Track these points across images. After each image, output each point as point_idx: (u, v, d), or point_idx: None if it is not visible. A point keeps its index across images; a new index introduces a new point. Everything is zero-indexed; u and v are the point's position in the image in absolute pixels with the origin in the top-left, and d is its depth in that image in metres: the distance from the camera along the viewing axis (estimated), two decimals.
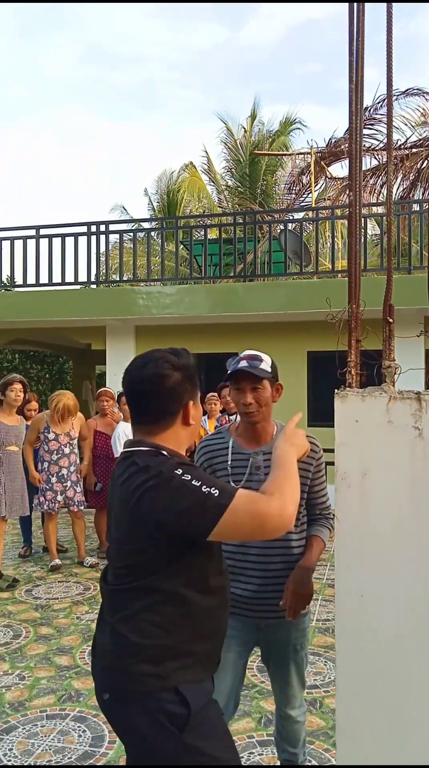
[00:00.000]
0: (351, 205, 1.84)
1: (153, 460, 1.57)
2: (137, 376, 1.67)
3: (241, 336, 9.28)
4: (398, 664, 1.70)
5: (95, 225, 9.74)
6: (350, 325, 1.82)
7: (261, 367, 2.17)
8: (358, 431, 1.74)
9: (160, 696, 1.52)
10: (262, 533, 1.54)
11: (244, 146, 17.09)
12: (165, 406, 1.64)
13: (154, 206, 19.08)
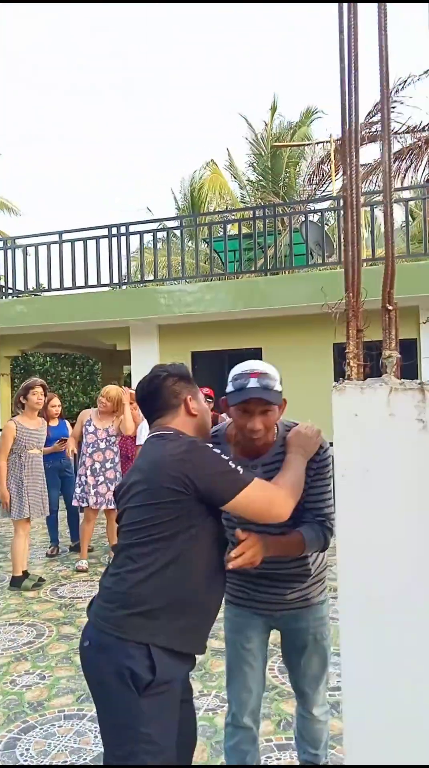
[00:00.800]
0: (344, 189, 1.76)
1: (182, 436, 1.88)
2: (143, 385, 2.03)
3: (264, 331, 9.20)
4: (408, 669, 1.61)
5: (116, 227, 9.76)
6: (348, 314, 1.73)
7: (275, 389, 1.96)
8: (358, 426, 1.66)
9: (132, 650, 1.68)
10: (268, 515, 1.82)
11: (266, 140, 16.96)
12: (167, 402, 1.96)
13: (179, 206, 19.09)
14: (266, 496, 1.79)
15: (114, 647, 1.71)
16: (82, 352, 14.64)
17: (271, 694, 3.24)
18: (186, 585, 1.77)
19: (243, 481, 1.76)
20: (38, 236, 10.38)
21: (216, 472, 1.74)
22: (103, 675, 1.72)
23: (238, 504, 1.76)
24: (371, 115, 11.74)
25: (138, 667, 1.67)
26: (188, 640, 1.80)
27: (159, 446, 1.84)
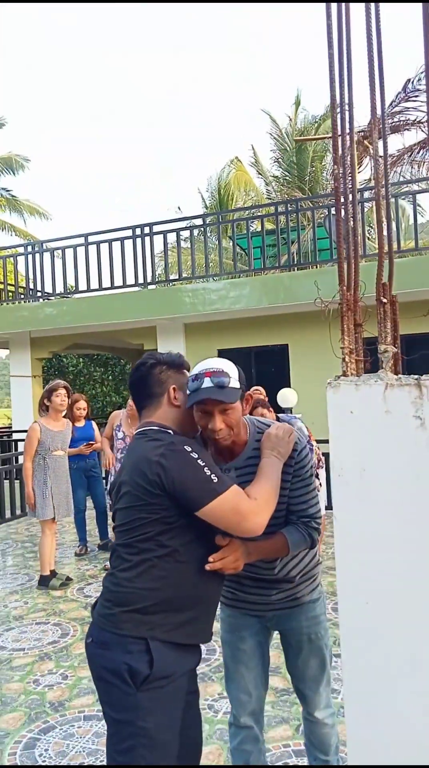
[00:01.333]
0: (336, 180, 1.71)
1: (163, 435, 1.82)
2: (132, 373, 2.01)
3: (290, 327, 9.12)
4: (409, 669, 1.56)
5: (140, 228, 9.79)
6: (341, 308, 1.68)
7: (230, 386, 1.84)
8: (354, 423, 1.61)
9: (130, 646, 1.69)
10: (238, 530, 1.76)
11: (290, 135, 16.81)
12: (152, 389, 1.93)
13: (207, 204, 19.07)
14: (238, 508, 1.73)
15: (113, 644, 1.72)
16: (111, 352, 14.76)
17: (291, 697, 3.19)
18: (179, 581, 1.75)
19: (215, 491, 1.71)
20: (65, 239, 10.48)
21: (189, 479, 1.70)
22: (103, 672, 1.73)
23: (209, 514, 1.71)
24: (393, 106, 11.51)
25: (136, 662, 1.67)
26: (189, 632, 1.78)
27: (140, 445, 1.82)
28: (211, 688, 3.34)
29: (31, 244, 11.71)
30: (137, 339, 10.66)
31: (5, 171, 19.59)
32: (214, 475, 1.73)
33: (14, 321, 10.43)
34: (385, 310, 1.65)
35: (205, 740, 2.83)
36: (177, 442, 1.77)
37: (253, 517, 1.73)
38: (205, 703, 3.19)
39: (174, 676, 1.73)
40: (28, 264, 10.63)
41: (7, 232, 19.77)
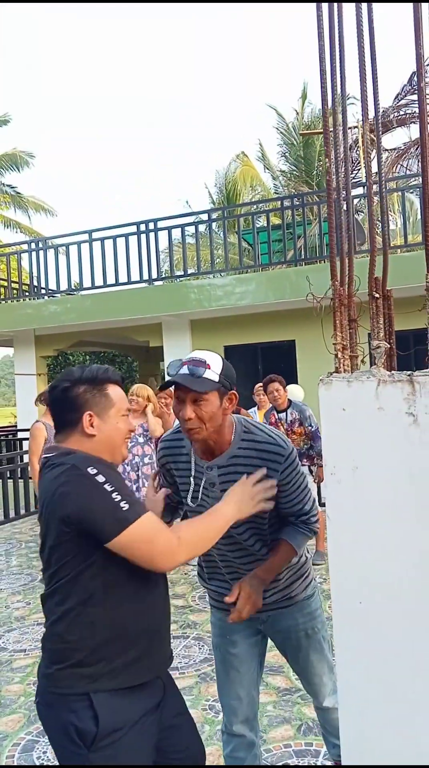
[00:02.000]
0: (328, 173, 1.67)
1: (65, 458, 1.62)
2: (48, 393, 1.80)
3: (297, 322, 9.06)
4: (402, 667, 1.52)
5: (145, 224, 9.75)
6: (334, 303, 1.64)
7: (205, 376, 1.78)
8: (346, 421, 1.57)
9: (73, 704, 1.54)
10: (150, 565, 1.57)
11: (297, 129, 16.71)
12: (63, 415, 1.73)
13: (214, 199, 19.02)
14: (153, 541, 1.54)
15: (56, 704, 1.57)
16: (117, 349, 14.75)
17: (294, 697, 3.16)
18: (111, 623, 1.59)
19: (126, 520, 1.51)
20: (69, 236, 10.46)
21: (94, 507, 1.51)
22: (53, 732, 1.60)
23: (120, 545, 1.51)
24: (399, 99, 11.40)
25: (81, 722, 1.52)
26: (138, 671, 1.62)
27: (44, 477, 1.63)
28: (212, 689, 3.31)
29: (35, 241, 11.70)
30: (143, 336, 10.63)
31: (10, 168, 19.61)
32: (124, 501, 1.53)
33: (19, 318, 10.42)
34: (378, 306, 1.61)
35: (206, 741, 2.80)
36: (80, 463, 1.56)
37: (168, 555, 1.56)
38: (206, 703, 3.17)
39: (127, 725, 1.57)
40: (33, 261, 10.62)
41: (12, 229, 19.80)
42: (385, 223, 1.85)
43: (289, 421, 5.70)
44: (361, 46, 1.65)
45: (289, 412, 5.72)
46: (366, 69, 1.66)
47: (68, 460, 1.58)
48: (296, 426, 5.67)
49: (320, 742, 2.73)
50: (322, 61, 1.70)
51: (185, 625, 4.25)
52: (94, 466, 1.55)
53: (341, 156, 1.79)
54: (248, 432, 1.96)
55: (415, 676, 1.49)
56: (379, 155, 1.71)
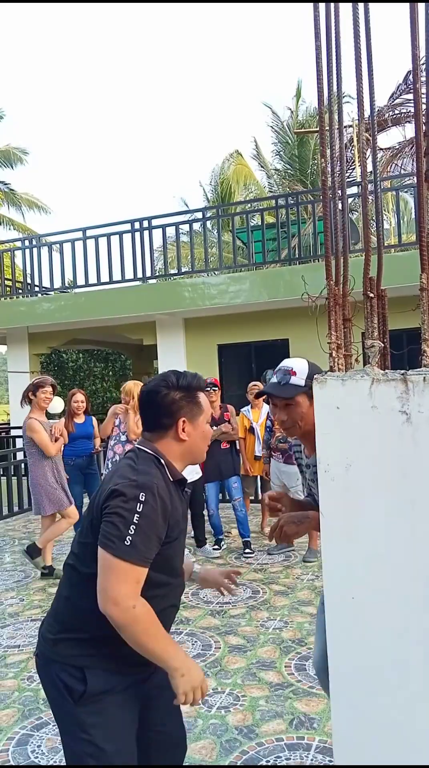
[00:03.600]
0: (323, 174, 1.68)
1: (145, 467, 1.71)
2: (142, 394, 1.87)
3: (291, 321, 9.09)
4: (396, 669, 1.54)
5: (139, 222, 9.75)
6: (329, 303, 1.66)
7: (291, 383, 2.04)
8: (340, 419, 1.59)
9: (68, 669, 1.67)
10: (98, 593, 1.59)
11: (292, 127, 16.72)
12: (158, 419, 1.82)
13: (208, 198, 19.02)
14: (116, 582, 1.56)
15: (52, 664, 1.71)
16: (111, 347, 14.74)
17: (286, 692, 3.19)
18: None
19: (116, 549, 1.57)
20: (62, 233, 10.45)
21: (113, 517, 1.59)
22: (45, 684, 1.75)
23: (99, 556, 1.61)
24: (394, 98, 11.44)
25: (69, 680, 1.66)
26: (138, 663, 1.67)
27: (120, 465, 1.76)
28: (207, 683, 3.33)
29: (29, 238, 11.69)
30: (137, 334, 10.64)
31: (3, 164, 19.53)
32: (131, 537, 1.57)
33: (12, 316, 10.41)
34: (373, 305, 1.63)
35: (198, 735, 2.83)
36: (144, 484, 1.63)
37: (113, 603, 1.54)
38: None
39: (112, 691, 1.68)
40: (26, 258, 10.61)
41: (6, 227, 19.73)
42: (380, 223, 1.88)
43: None
44: (357, 46, 1.67)
45: None
46: (362, 69, 1.67)
47: (142, 476, 1.66)
48: None
49: (312, 736, 2.76)
50: (319, 61, 1.72)
51: (178, 621, 4.27)
52: (151, 493, 1.62)
53: (337, 155, 1.81)
54: None
55: (407, 670, 1.52)
56: (374, 154, 1.73)
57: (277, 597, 4.65)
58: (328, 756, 2.57)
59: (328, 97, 1.73)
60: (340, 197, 1.82)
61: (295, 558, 5.66)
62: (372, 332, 1.63)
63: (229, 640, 3.89)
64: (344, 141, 15.11)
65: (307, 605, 4.44)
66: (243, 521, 5.97)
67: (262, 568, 5.44)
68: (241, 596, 4.70)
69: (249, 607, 4.47)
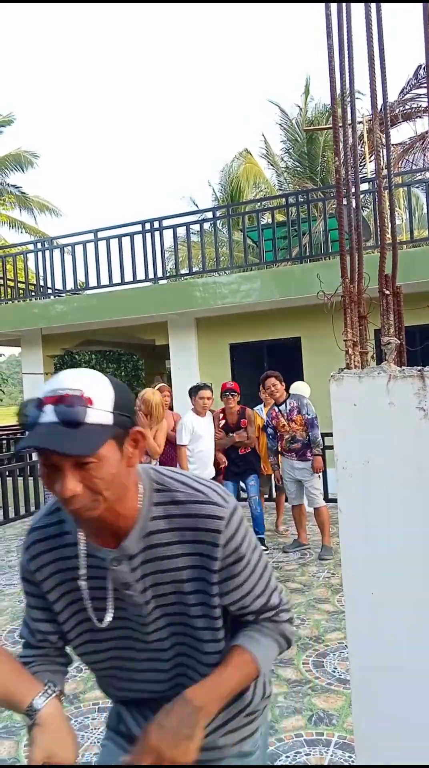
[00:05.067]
0: (337, 171, 1.70)
1: None
2: None
3: (303, 319, 9.08)
4: (418, 665, 1.55)
5: (149, 222, 9.78)
6: (344, 301, 1.67)
7: (87, 421, 1.03)
8: (357, 416, 1.60)
9: None
10: None
11: (301, 125, 16.70)
12: None
13: (218, 197, 19.04)
14: None
15: None
16: (124, 348, 14.79)
17: (304, 688, 3.20)
18: None
19: None
20: (74, 235, 10.51)
21: None
22: None
23: None
24: (404, 93, 11.40)
25: None
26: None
27: None
28: None
29: (41, 240, 11.75)
30: (149, 334, 10.68)
31: (14, 168, 19.65)
32: None
33: (25, 318, 10.49)
34: (388, 302, 1.64)
35: None
36: None
37: None
38: None
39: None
40: (38, 261, 10.68)
41: (18, 230, 19.86)
42: (393, 219, 1.88)
43: (288, 410, 5.80)
44: (370, 44, 1.68)
45: (287, 402, 5.86)
46: (375, 67, 1.68)
47: None
48: (295, 414, 5.76)
49: (331, 732, 2.77)
50: (331, 60, 1.73)
51: None
52: None
53: (350, 152, 1.82)
54: (162, 487, 1.23)
55: (428, 666, 1.53)
56: (388, 151, 1.74)
57: (293, 595, 4.66)
58: (348, 752, 2.59)
59: (340, 94, 1.74)
60: (354, 194, 1.82)
61: (311, 556, 5.67)
62: (388, 329, 1.64)
63: None
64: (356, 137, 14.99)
65: (324, 603, 4.45)
66: (258, 519, 5.98)
67: (277, 566, 5.45)
68: None
69: None
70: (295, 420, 5.74)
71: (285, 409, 5.83)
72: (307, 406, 5.79)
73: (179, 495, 1.22)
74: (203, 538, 1.20)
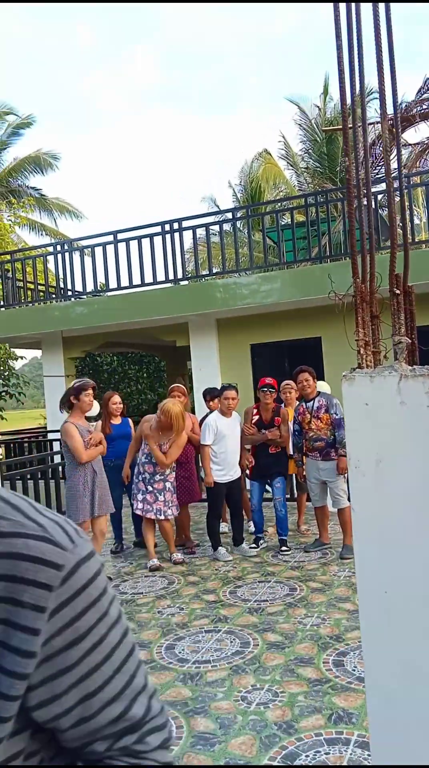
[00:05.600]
0: (348, 171, 1.71)
1: None
2: None
3: (323, 319, 9.06)
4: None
5: (169, 224, 9.83)
6: (356, 300, 1.68)
7: None
8: (369, 415, 1.61)
9: None
10: None
11: (320, 125, 16.65)
12: None
13: (238, 198, 19.06)
14: None
15: None
16: (145, 350, 14.87)
17: (324, 687, 3.20)
18: None
19: None
20: (94, 237, 10.58)
21: None
22: None
23: None
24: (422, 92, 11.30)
25: None
26: None
27: None
28: (244, 681, 3.37)
29: (61, 243, 11.87)
30: (170, 336, 10.72)
31: (34, 171, 19.86)
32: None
33: (46, 321, 10.58)
34: (399, 301, 1.65)
35: (238, 731, 2.87)
36: None
37: None
38: (238, 695, 3.22)
39: None
40: (59, 263, 10.78)
41: (38, 232, 20.06)
42: (406, 219, 1.89)
43: (316, 407, 5.77)
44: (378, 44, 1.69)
45: (316, 399, 5.81)
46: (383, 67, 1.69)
47: None
48: (322, 412, 5.73)
49: (351, 731, 2.77)
50: (341, 61, 1.74)
51: (217, 619, 4.31)
52: None
53: (361, 154, 1.83)
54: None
55: None
56: (398, 150, 1.75)
57: (314, 594, 4.66)
58: (368, 750, 2.59)
59: (351, 96, 1.75)
60: (365, 195, 1.84)
61: (332, 555, 5.66)
62: (399, 329, 1.65)
63: (267, 637, 3.91)
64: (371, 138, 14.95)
65: (345, 602, 4.44)
66: (282, 520, 5.97)
67: (298, 565, 5.45)
68: (278, 594, 4.72)
69: (286, 604, 4.49)
70: (321, 418, 5.71)
71: (313, 406, 5.81)
72: (336, 406, 5.78)
73: (2, 524, 0.75)
74: (19, 596, 0.72)
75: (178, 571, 5.60)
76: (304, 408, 5.89)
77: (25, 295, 11.32)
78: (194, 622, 4.31)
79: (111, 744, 0.80)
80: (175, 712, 3.10)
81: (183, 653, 3.80)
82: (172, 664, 3.67)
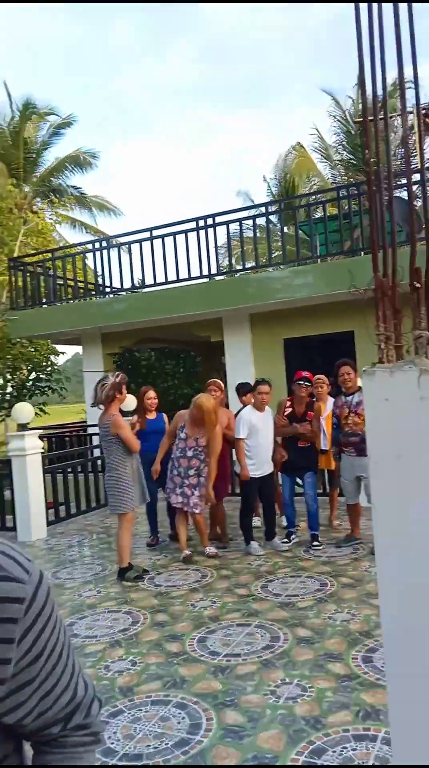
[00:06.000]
0: (367, 164, 1.70)
1: None
2: None
3: (355, 313, 8.96)
4: None
5: (204, 219, 9.85)
6: (376, 295, 1.67)
7: None
8: (389, 410, 1.61)
9: None
10: None
11: (354, 116, 16.43)
12: None
13: (273, 192, 18.97)
14: None
15: None
16: (181, 345, 14.95)
17: (353, 683, 3.20)
18: None
19: None
20: (131, 234, 10.68)
21: None
22: None
23: None
24: None
25: None
26: None
27: None
28: (273, 675, 3.39)
29: (99, 240, 12.00)
30: (204, 331, 10.75)
31: (74, 169, 20.11)
32: None
33: (85, 317, 10.74)
34: (419, 296, 1.63)
35: (267, 725, 2.89)
36: None
37: None
38: (268, 689, 3.24)
39: None
40: (97, 260, 10.92)
41: (78, 229, 20.33)
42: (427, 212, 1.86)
43: (356, 402, 5.68)
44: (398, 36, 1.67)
45: (357, 394, 5.72)
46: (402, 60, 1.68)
47: None
48: (361, 408, 5.65)
49: (378, 727, 2.77)
50: (361, 54, 1.73)
51: (248, 613, 4.34)
52: None
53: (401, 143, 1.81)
54: None
55: None
56: (420, 144, 1.73)
57: (344, 589, 4.64)
58: None
59: (372, 91, 1.74)
60: (386, 187, 1.82)
61: (363, 551, 5.62)
62: (419, 323, 1.63)
63: (297, 632, 3.92)
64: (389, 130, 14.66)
65: (375, 597, 4.41)
66: (314, 515, 5.95)
67: (330, 560, 5.43)
68: (309, 589, 4.72)
69: (317, 599, 4.48)
70: (360, 413, 5.60)
71: (352, 400, 5.74)
72: None
73: None
74: None
75: (211, 564, 5.64)
76: (342, 402, 5.83)
77: (66, 292, 11.51)
78: (226, 615, 4.34)
79: (64, 725, 0.91)
80: (205, 704, 3.14)
81: (214, 646, 3.84)
82: (204, 656, 3.70)
